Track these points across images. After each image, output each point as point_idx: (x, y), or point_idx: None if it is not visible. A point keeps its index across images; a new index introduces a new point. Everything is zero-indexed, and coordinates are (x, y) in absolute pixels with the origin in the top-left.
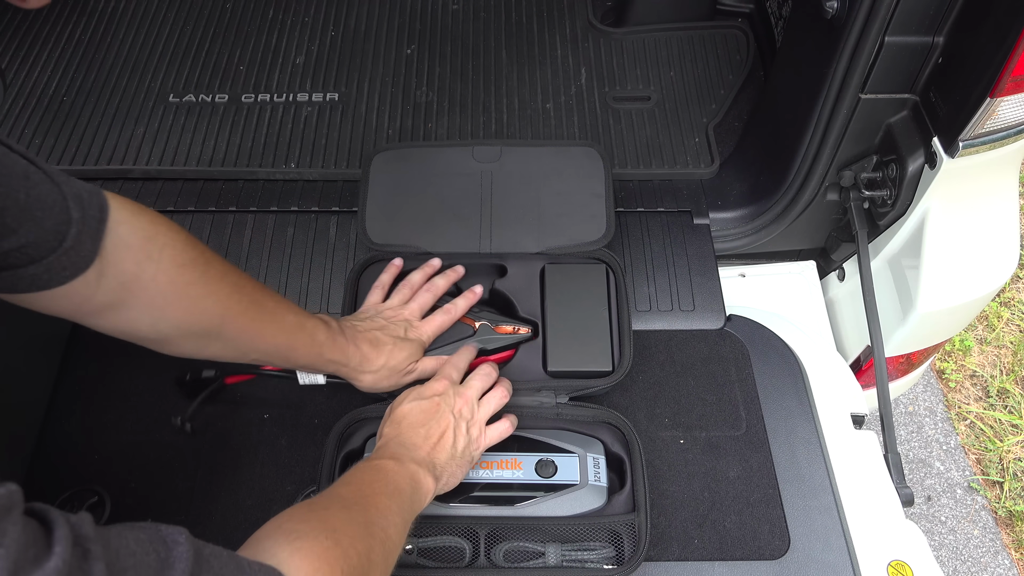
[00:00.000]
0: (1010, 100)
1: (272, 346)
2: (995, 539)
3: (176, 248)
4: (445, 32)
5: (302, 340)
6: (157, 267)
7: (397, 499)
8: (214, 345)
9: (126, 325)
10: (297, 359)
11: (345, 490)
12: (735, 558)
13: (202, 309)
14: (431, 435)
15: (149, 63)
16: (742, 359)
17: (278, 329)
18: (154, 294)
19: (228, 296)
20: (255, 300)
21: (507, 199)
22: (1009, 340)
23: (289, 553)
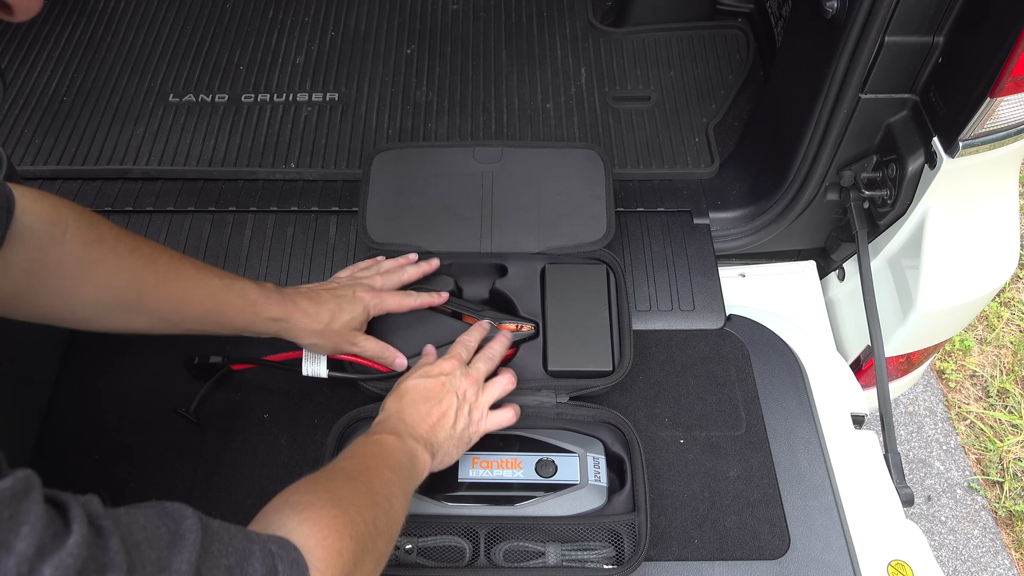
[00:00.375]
0: (1010, 100)
1: (201, 312)
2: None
3: (80, 228)
4: (445, 32)
5: (232, 302)
6: (61, 249)
7: (398, 472)
8: (140, 319)
9: (38, 309)
10: (232, 322)
11: (348, 463)
12: (735, 558)
13: (114, 285)
14: (431, 414)
15: (149, 63)
16: (742, 359)
17: (203, 294)
18: (61, 275)
19: (142, 269)
20: (173, 268)
21: (508, 199)
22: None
23: (297, 523)
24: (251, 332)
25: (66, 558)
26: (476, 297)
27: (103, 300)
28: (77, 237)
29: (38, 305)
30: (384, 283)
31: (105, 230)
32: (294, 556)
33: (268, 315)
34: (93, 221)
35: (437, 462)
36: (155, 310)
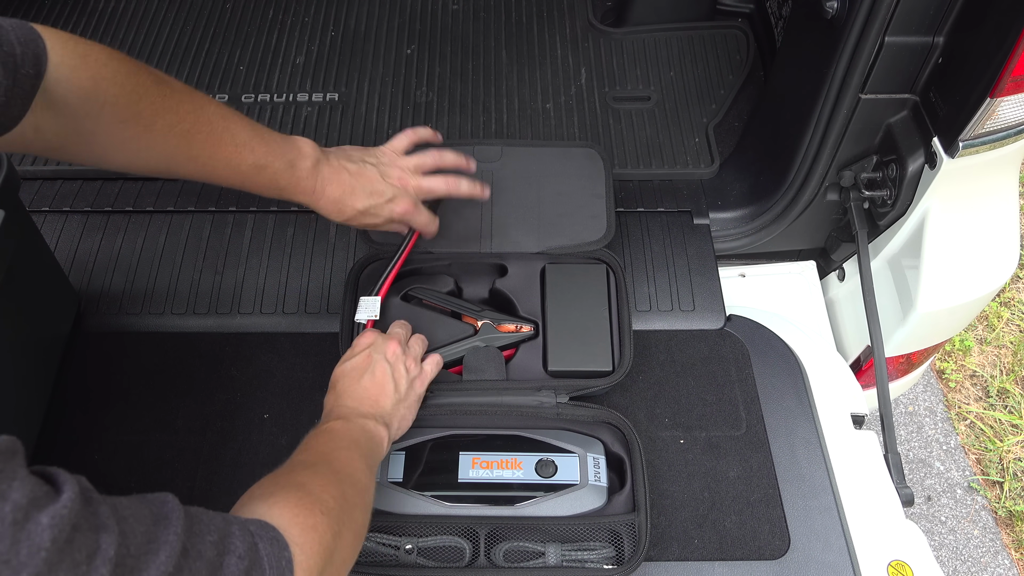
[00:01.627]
0: (1010, 100)
1: (229, 183)
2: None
3: (119, 105)
4: (445, 32)
5: (260, 183)
6: (96, 124)
7: (356, 449)
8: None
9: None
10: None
11: (303, 456)
12: (735, 558)
13: (145, 159)
14: (370, 387)
15: (149, 63)
16: (742, 359)
17: (233, 173)
18: (93, 146)
19: (175, 147)
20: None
21: (508, 199)
22: (1009, 340)
23: (266, 508)
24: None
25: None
26: (476, 297)
27: (133, 166)
28: (114, 114)
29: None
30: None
31: (145, 105)
32: (273, 534)
33: (293, 199)
34: (134, 95)
35: (395, 430)
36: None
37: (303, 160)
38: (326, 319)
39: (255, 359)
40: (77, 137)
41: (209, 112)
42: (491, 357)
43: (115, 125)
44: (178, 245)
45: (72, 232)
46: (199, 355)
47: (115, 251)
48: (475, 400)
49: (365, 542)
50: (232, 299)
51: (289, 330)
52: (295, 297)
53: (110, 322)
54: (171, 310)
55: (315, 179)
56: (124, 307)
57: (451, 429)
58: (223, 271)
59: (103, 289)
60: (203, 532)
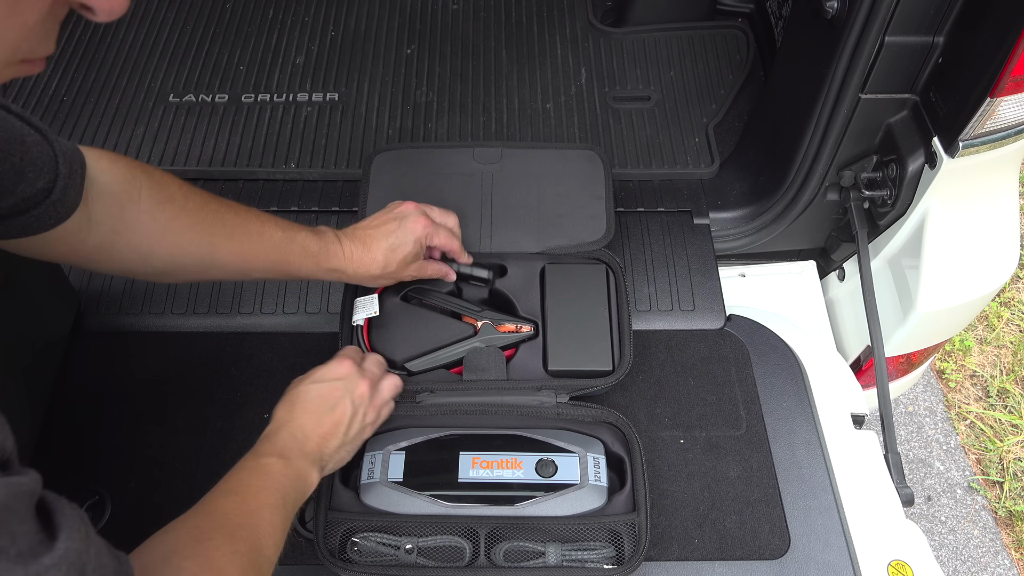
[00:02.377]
0: (1010, 100)
1: (268, 263)
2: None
3: (154, 188)
4: (445, 32)
5: (295, 253)
6: (139, 207)
7: (280, 510)
8: (212, 271)
9: (119, 265)
10: (297, 272)
11: (230, 503)
12: (735, 558)
13: (188, 241)
14: (323, 423)
15: (149, 63)
16: (742, 359)
17: (268, 247)
18: (140, 233)
19: (211, 225)
20: (239, 224)
21: (507, 200)
22: (1009, 340)
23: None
24: (315, 279)
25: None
26: (475, 297)
27: (178, 256)
28: (151, 196)
29: (120, 261)
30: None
31: (175, 189)
32: None
33: (328, 266)
34: (164, 180)
35: (328, 469)
36: (225, 264)
37: (327, 231)
38: (326, 319)
39: (255, 359)
40: (124, 226)
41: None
42: (491, 357)
43: (155, 207)
44: None
45: None
46: (199, 355)
47: None
48: (475, 400)
49: (365, 542)
50: (232, 299)
51: (289, 330)
52: (295, 297)
53: (110, 322)
54: (171, 310)
55: (342, 241)
56: (124, 307)
57: (451, 429)
58: None
59: (103, 289)
60: None
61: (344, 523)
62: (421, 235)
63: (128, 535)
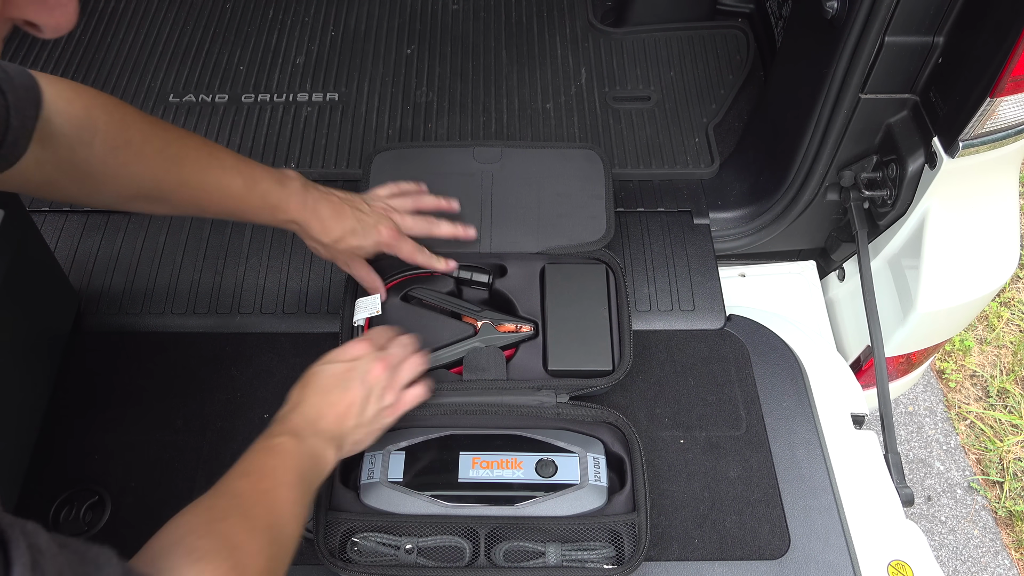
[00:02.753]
0: (1010, 100)
1: (222, 209)
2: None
3: (110, 132)
4: (445, 32)
5: (252, 202)
6: (89, 151)
7: (296, 488)
8: (163, 207)
9: (64, 196)
10: (252, 219)
11: (244, 484)
12: (735, 558)
13: (139, 184)
14: (336, 404)
15: (149, 63)
16: (742, 359)
17: (225, 195)
18: (88, 174)
19: (166, 171)
20: (199, 169)
21: (507, 200)
22: (1009, 340)
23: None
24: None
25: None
26: (475, 298)
27: (127, 194)
28: (105, 142)
29: (66, 194)
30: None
31: (134, 132)
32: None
33: (286, 217)
34: (124, 123)
35: (345, 452)
36: (177, 203)
37: (291, 181)
38: (326, 319)
39: (255, 359)
40: (72, 168)
41: (195, 140)
42: (492, 357)
43: (107, 152)
44: (178, 245)
45: (72, 232)
46: (199, 355)
47: (115, 251)
48: (475, 400)
49: (365, 542)
50: (232, 299)
51: (289, 330)
52: (295, 297)
53: (110, 322)
54: (171, 310)
55: (305, 196)
56: (124, 307)
57: (451, 429)
58: (223, 271)
59: (103, 289)
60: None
61: (344, 523)
62: (384, 241)
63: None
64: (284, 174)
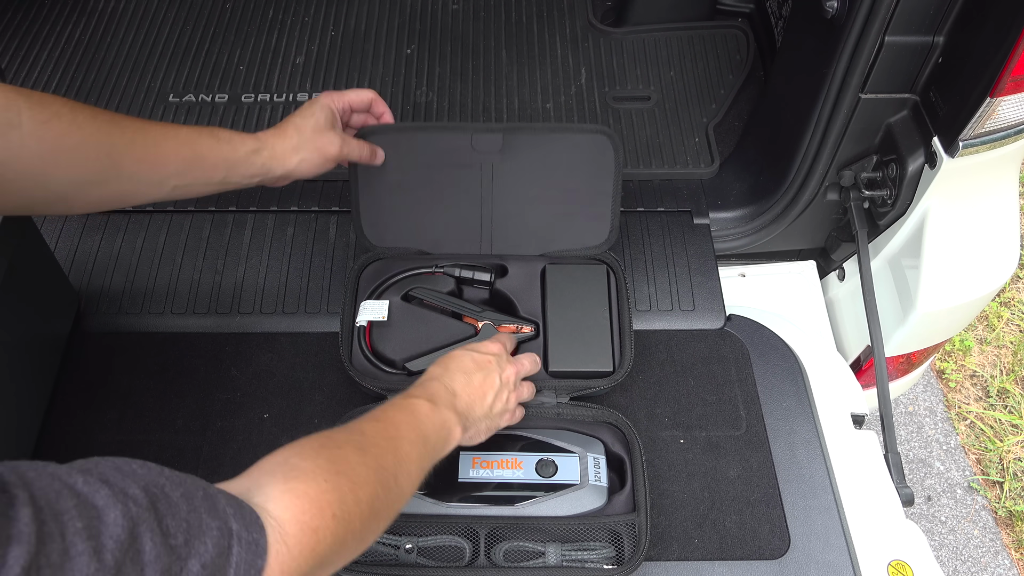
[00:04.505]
0: (1010, 100)
1: (180, 162)
2: (995, 539)
3: (34, 109)
4: (445, 32)
5: (206, 143)
6: (21, 132)
7: (420, 447)
8: (121, 185)
9: (18, 198)
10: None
11: (371, 427)
12: (735, 558)
13: (85, 155)
14: (473, 384)
15: (149, 63)
16: (742, 359)
17: (176, 143)
18: (28, 159)
19: (108, 134)
20: (139, 128)
21: (509, 196)
22: (1009, 340)
23: (281, 492)
24: (238, 176)
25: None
26: (476, 298)
27: (77, 174)
28: (33, 117)
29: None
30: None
31: (60, 105)
32: (255, 536)
33: (246, 147)
34: (45, 100)
35: (467, 437)
36: (132, 172)
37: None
38: (326, 319)
39: (255, 359)
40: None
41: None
42: None
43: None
44: (178, 245)
45: (72, 232)
46: (199, 355)
47: (115, 251)
48: None
49: None
50: (232, 299)
51: (289, 330)
52: (295, 297)
53: (110, 322)
54: (171, 310)
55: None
56: (124, 307)
57: None
58: (223, 271)
59: (103, 289)
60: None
61: None
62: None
63: None
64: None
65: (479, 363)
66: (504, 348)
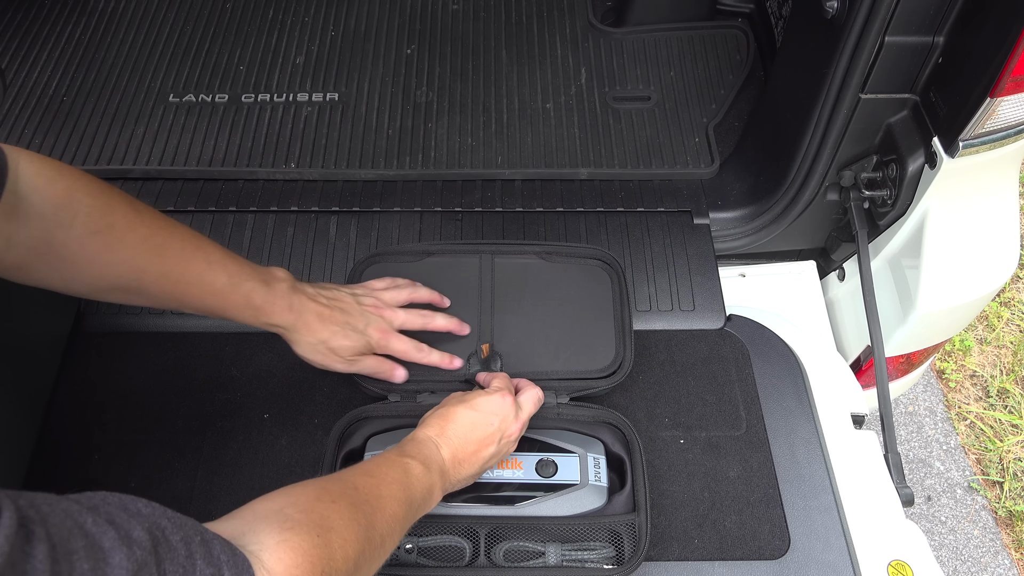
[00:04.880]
0: (1010, 100)
1: (202, 307)
2: (995, 539)
3: (92, 216)
4: (445, 32)
5: (234, 304)
6: (68, 234)
7: (407, 507)
8: (140, 299)
9: (37, 282)
10: (232, 319)
11: (363, 480)
12: (735, 558)
13: (116, 273)
14: (467, 450)
15: (149, 63)
16: (742, 359)
17: (206, 292)
18: (64, 258)
19: (147, 261)
20: (181, 262)
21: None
22: (1009, 340)
23: (276, 542)
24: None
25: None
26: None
27: (103, 284)
28: (87, 225)
29: (37, 279)
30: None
31: (118, 217)
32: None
33: (269, 321)
34: (108, 207)
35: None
36: (155, 296)
37: (278, 283)
38: None
39: (255, 359)
40: (47, 250)
41: (181, 231)
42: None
43: (87, 237)
44: None
45: None
46: (199, 355)
47: None
48: None
49: None
50: None
51: None
52: None
53: (110, 322)
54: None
55: (290, 299)
56: (124, 307)
57: None
58: None
59: None
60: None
61: None
62: (375, 341)
63: None
64: (272, 274)
65: (477, 426)
66: (513, 403)
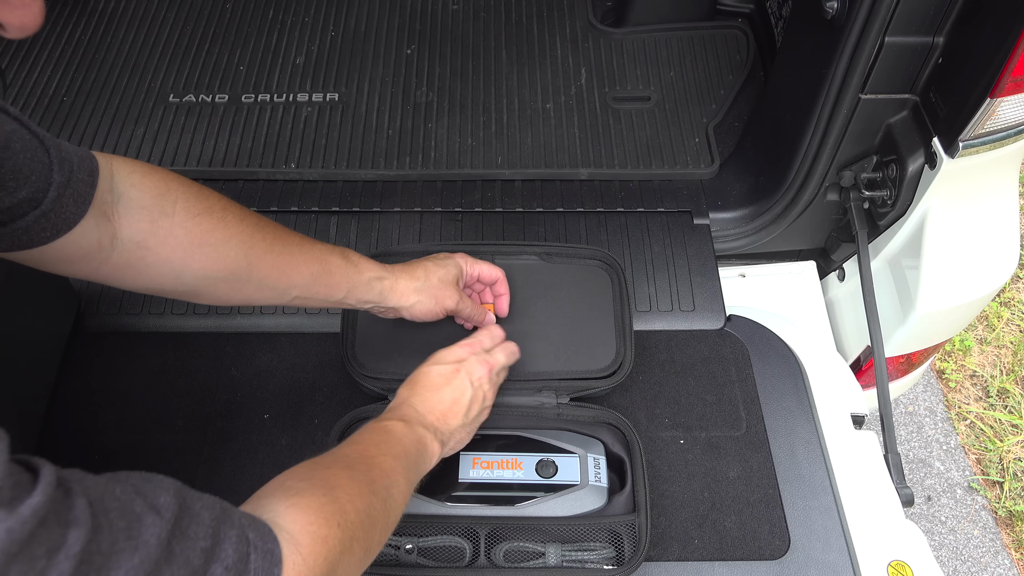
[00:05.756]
0: (1010, 100)
1: (307, 275)
2: (995, 539)
3: (190, 200)
4: (445, 32)
5: (335, 262)
6: (172, 221)
7: (403, 460)
8: (247, 288)
9: (148, 282)
10: (337, 283)
11: (350, 449)
12: (735, 558)
13: (225, 254)
14: (443, 400)
15: (149, 63)
16: (742, 359)
17: (309, 257)
18: (173, 247)
19: (251, 236)
20: (279, 236)
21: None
22: (1009, 340)
23: (285, 508)
24: (354, 298)
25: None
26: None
27: (213, 270)
28: (187, 209)
29: (149, 278)
30: None
31: (214, 201)
32: (270, 546)
33: (371, 273)
34: (202, 193)
35: (448, 449)
36: (263, 277)
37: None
38: (326, 319)
39: (255, 359)
40: (155, 241)
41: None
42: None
43: (190, 220)
44: None
45: None
46: (199, 355)
47: None
48: None
49: None
50: None
51: (289, 330)
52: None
53: (110, 322)
54: (171, 310)
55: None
56: (124, 307)
57: None
58: None
59: (103, 289)
60: (195, 536)
61: None
62: (461, 260)
63: None
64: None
65: (445, 377)
66: (475, 347)
